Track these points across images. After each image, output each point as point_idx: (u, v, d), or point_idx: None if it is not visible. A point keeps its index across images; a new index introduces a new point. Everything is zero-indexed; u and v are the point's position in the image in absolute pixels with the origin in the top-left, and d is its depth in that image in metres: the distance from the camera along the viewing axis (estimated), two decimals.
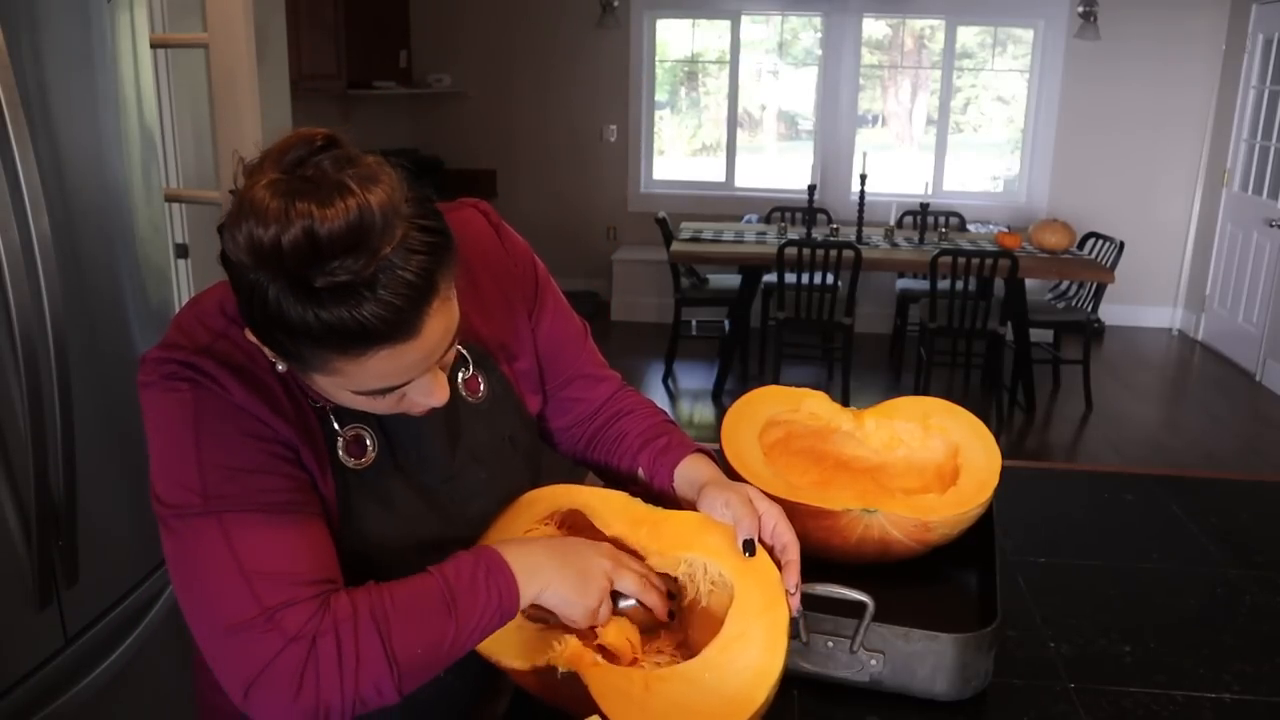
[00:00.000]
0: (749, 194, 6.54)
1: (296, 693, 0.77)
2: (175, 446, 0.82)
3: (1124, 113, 6.13)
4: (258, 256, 0.71)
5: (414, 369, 0.79)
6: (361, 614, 0.80)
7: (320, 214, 0.69)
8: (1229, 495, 1.60)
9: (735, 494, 0.98)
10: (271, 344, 0.77)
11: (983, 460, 1.27)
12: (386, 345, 0.74)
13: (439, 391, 0.84)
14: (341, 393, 0.81)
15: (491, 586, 0.84)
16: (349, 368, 0.76)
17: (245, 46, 2.03)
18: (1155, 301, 6.45)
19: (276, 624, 0.78)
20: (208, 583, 0.80)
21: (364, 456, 0.91)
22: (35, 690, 1.46)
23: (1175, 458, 4.33)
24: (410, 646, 0.80)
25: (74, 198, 1.53)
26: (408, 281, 0.73)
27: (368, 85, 5.62)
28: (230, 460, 0.82)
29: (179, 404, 0.82)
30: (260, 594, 0.79)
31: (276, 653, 0.77)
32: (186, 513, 0.81)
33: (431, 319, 0.76)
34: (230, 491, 0.81)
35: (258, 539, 0.81)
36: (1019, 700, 1.05)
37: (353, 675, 0.78)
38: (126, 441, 1.70)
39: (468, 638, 0.84)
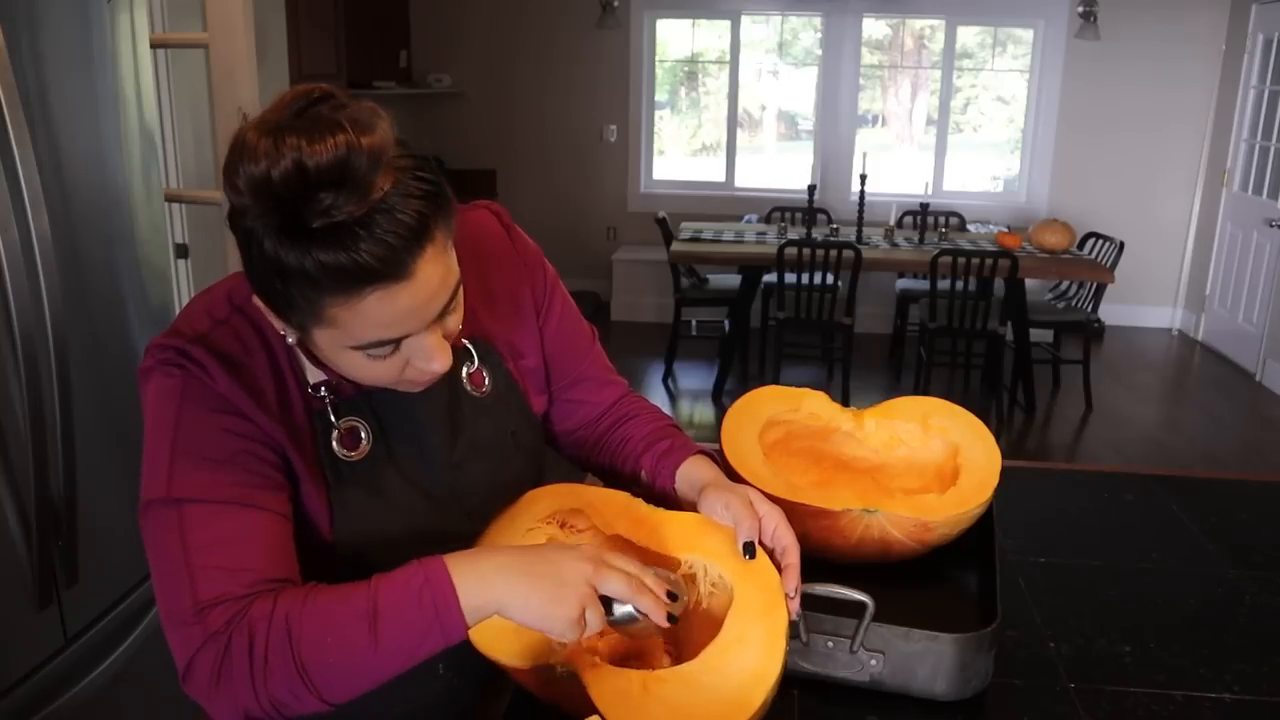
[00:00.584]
0: (749, 194, 6.54)
1: (215, 688, 0.78)
2: (157, 432, 0.84)
3: (1124, 113, 6.13)
4: (253, 194, 0.73)
5: (409, 318, 0.79)
6: (276, 618, 0.79)
7: (309, 149, 0.71)
8: (1229, 495, 1.60)
9: (736, 496, 0.98)
10: (273, 297, 0.78)
11: (983, 460, 1.27)
12: (379, 285, 0.75)
13: (439, 356, 0.83)
14: (344, 355, 0.82)
15: (425, 602, 0.78)
16: (344, 315, 0.76)
17: (245, 46, 2.04)
18: (1155, 301, 6.45)
19: (202, 619, 0.79)
20: (160, 572, 0.83)
21: (358, 448, 0.91)
22: (35, 690, 1.46)
23: (1175, 458, 4.34)
24: (321, 657, 0.78)
25: (74, 198, 1.53)
26: (402, 223, 0.74)
27: (368, 85, 5.62)
28: (202, 448, 0.83)
29: (168, 389, 0.84)
30: (197, 588, 0.80)
31: (198, 648, 0.79)
32: (154, 502, 0.83)
33: (426, 264, 0.77)
34: (195, 481, 0.82)
35: (209, 533, 0.82)
36: (1019, 700, 1.05)
37: (262, 678, 0.77)
38: (126, 441, 1.70)
39: (394, 654, 0.78)
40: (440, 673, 1.02)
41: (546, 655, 0.88)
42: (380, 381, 0.86)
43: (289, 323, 0.81)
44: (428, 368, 0.84)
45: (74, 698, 1.53)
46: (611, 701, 0.84)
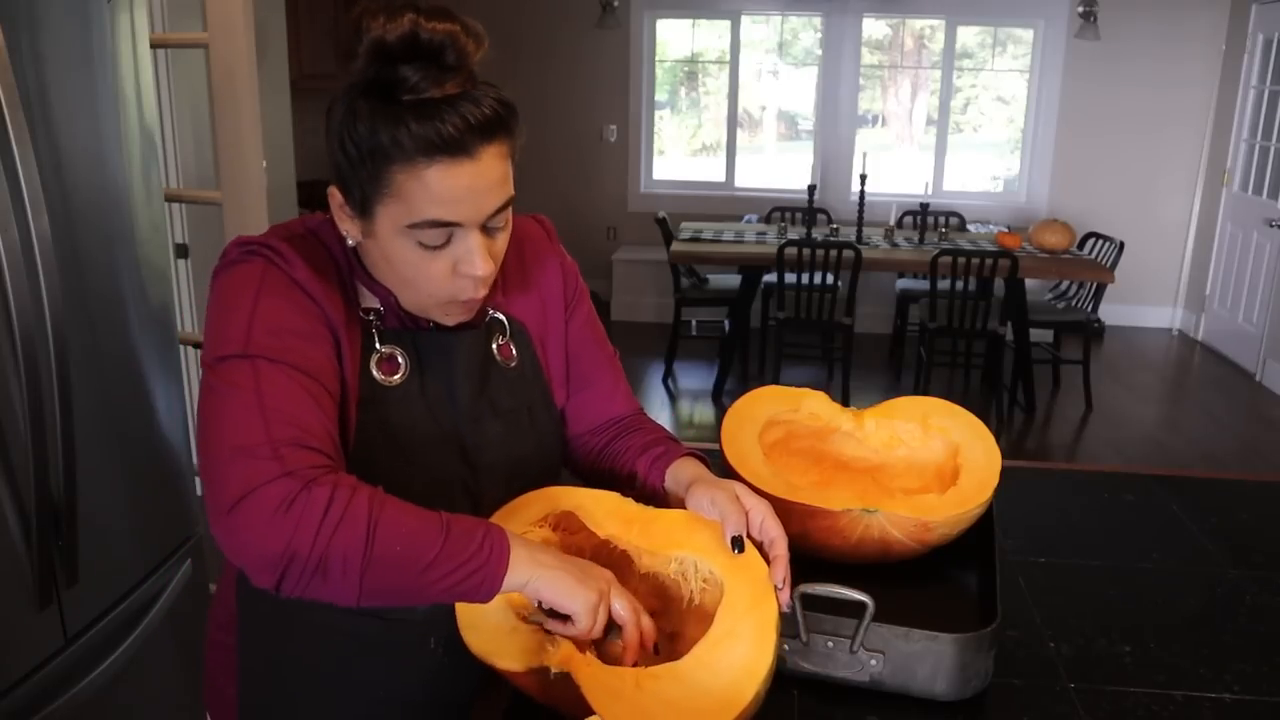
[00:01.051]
0: (749, 194, 6.54)
1: (275, 522, 0.78)
2: (234, 307, 0.90)
3: (1124, 113, 6.13)
4: (368, 54, 0.84)
5: (464, 200, 0.87)
6: (364, 490, 0.82)
7: (425, 24, 0.84)
8: (1229, 495, 1.60)
9: (721, 490, 0.99)
10: (349, 174, 0.88)
11: (983, 460, 1.27)
12: (445, 157, 0.85)
13: (483, 261, 0.91)
14: (401, 245, 0.89)
15: (486, 546, 0.84)
16: (409, 184, 0.86)
17: (245, 46, 2.04)
18: (1155, 301, 6.45)
19: (280, 456, 0.81)
20: (227, 412, 0.84)
21: (395, 374, 0.98)
22: (35, 690, 1.46)
23: (1175, 458, 4.34)
24: (392, 539, 0.80)
25: (74, 198, 1.53)
26: (477, 111, 0.86)
27: None
28: (280, 321, 0.89)
29: (249, 272, 0.92)
30: (273, 429, 0.83)
31: (272, 478, 0.80)
32: (226, 358, 0.87)
33: (489, 156, 0.88)
34: (272, 344, 0.88)
35: (284, 389, 0.86)
36: (1019, 700, 1.05)
37: (330, 531, 0.79)
38: (126, 441, 1.70)
39: (444, 575, 0.82)
40: (432, 646, 1.05)
41: (540, 657, 0.89)
42: (429, 289, 0.93)
43: (357, 204, 0.90)
44: (471, 271, 0.91)
45: (74, 698, 1.53)
46: (605, 699, 0.85)
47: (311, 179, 5.04)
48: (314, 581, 0.80)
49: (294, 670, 1.06)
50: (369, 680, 1.05)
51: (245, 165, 2.12)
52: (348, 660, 1.05)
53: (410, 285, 0.94)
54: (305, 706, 1.07)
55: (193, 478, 1.94)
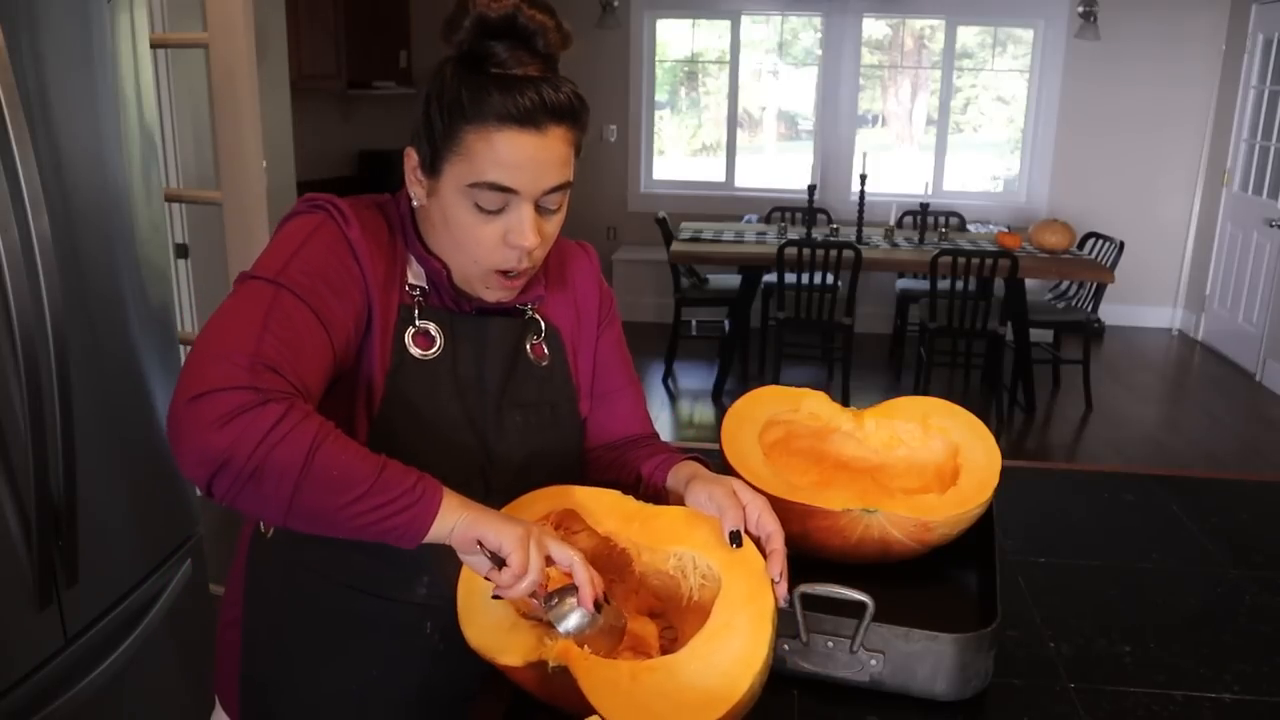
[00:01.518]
0: (749, 194, 6.54)
1: (222, 425, 0.81)
2: (285, 243, 0.95)
3: (1124, 113, 6.13)
4: (471, 27, 0.93)
5: (525, 169, 0.94)
6: (314, 418, 0.85)
7: (527, 10, 0.94)
8: (1229, 495, 1.60)
9: (719, 486, 1.01)
10: (428, 131, 0.96)
11: (983, 460, 1.27)
12: (516, 126, 0.92)
13: (533, 232, 0.97)
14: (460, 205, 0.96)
15: (418, 489, 0.86)
16: (479, 145, 0.93)
17: (245, 46, 2.04)
18: (1155, 301, 6.45)
19: (253, 370, 0.84)
20: (231, 320, 0.89)
21: (430, 349, 1.02)
22: (35, 690, 1.46)
23: (1175, 458, 4.34)
24: (329, 465, 0.83)
25: (74, 198, 1.53)
26: (554, 96, 0.94)
27: (368, 85, 5.62)
28: (318, 268, 0.94)
29: (307, 221, 0.97)
30: (262, 346, 0.86)
31: (236, 386, 0.83)
32: (259, 277, 0.92)
33: (556, 137, 0.95)
34: (302, 283, 0.92)
35: (293, 322, 0.90)
36: (1019, 700, 1.05)
37: (272, 445, 0.82)
38: (126, 441, 1.70)
39: (373, 508, 0.84)
40: (429, 631, 1.06)
41: (538, 652, 0.90)
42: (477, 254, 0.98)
43: (428, 162, 0.97)
44: (520, 241, 0.96)
45: (74, 698, 1.53)
46: (602, 692, 0.86)
47: (311, 179, 5.05)
48: (246, 488, 0.82)
49: (294, 642, 1.09)
50: (365, 659, 1.07)
51: (245, 165, 2.12)
52: (345, 636, 1.07)
53: (461, 249, 0.99)
54: (302, 680, 1.09)
55: None
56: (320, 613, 1.07)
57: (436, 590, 1.03)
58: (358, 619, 1.06)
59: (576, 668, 0.88)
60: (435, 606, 1.04)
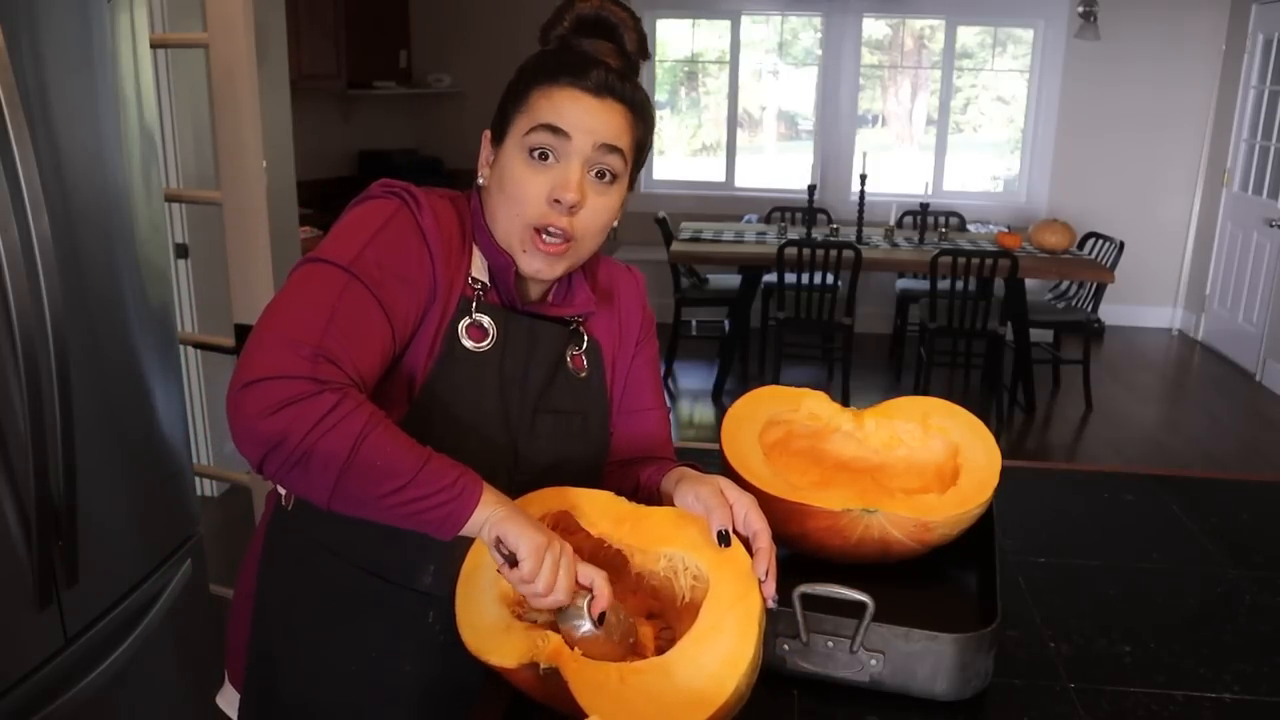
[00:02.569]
0: (749, 194, 6.54)
1: (276, 410, 0.85)
2: (359, 228, 0.98)
3: (1124, 113, 6.13)
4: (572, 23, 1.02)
5: (581, 120, 0.98)
6: (367, 407, 0.88)
7: (611, 6, 1.03)
8: (1229, 495, 1.60)
9: (706, 486, 1.01)
10: (503, 105, 1.03)
11: (983, 460, 1.27)
12: (578, 87, 0.99)
13: (576, 190, 1.00)
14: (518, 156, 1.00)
15: (460, 484, 0.89)
16: (541, 102, 0.99)
17: (245, 46, 2.04)
18: (1155, 301, 6.45)
19: (315, 360, 0.87)
20: (300, 304, 0.92)
21: (480, 341, 1.03)
22: (35, 690, 1.46)
23: (1175, 458, 4.34)
24: (374, 455, 0.86)
25: (74, 198, 1.53)
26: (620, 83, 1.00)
27: (368, 85, 5.62)
28: (389, 261, 0.96)
29: (383, 207, 1.00)
30: (329, 338, 0.89)
31: (296, 375, 0.86)
32: (330, 263, 0.94)
33: (615, 109, 1.00)
34: (374, 274, 0.95)
35: (361, 314, 0.93)
36: (1019, 700, 1.05)
37: (322, 433, 0.85)
38: (126, 442, 1.70)
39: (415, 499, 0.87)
40: (430, 621, 1.07)
41: (531, 654, 0.90)
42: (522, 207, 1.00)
43: (498, 132, 1.03)
44: (564, 194, 0.99)
45: (74, 698, 1.53)
46: (591, 694, 0.87)
47: (312, 179, 5.05)
48: (295, 471, 0.86)
49: (300, 618, 1.11)
50: (366, 641, 1.08)
51: (245, 165, 2.12)
52: (349, 615, 1.08)
53: (510, 203, 1.01)
54: (306, 653, 1.11)
55: (193, 478, 1.94)
56: (326, 589, 1.08)
57: (441, 581, 1.04)
58: (362, 599, 1.07)
59: (566, 669, 0.88)
60: (439, 597, 1.05)
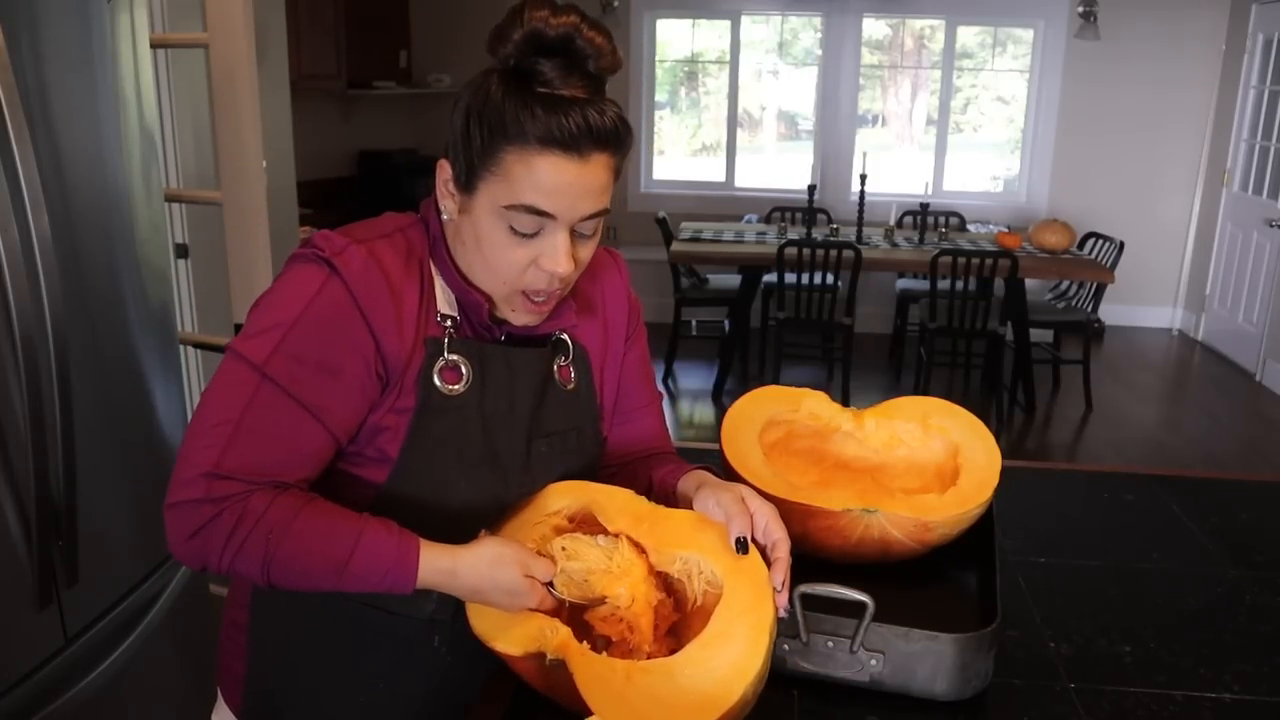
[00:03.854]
0: (749, 194, 6.54)
1: (188, 538, 0.89)
2: (283, 308, 0.92)
3: (1124, 113, 6.13)
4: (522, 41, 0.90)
5: (563, 196, 0.91)
6: (265, 520, 0.88)
7: (586, 30, 0.90)
8: (1229, 495, 1.60)
9: (728, 493, 1.00)
10: (465, 147, 0.92)
11: (983, 460, 1.27)
12: (558, 151, 0.89)
13: (565, 260, 0.94)
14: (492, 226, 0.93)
15: (388, 579, 0.90)
16: (518, 168, 0.90)
17: (245, 46, 2.03)
18: (1155, 301, 6.45)
19: (210, 483, 0.88)
20: (207, 417, 0.91)
21: (457, 384, 0.99)
22: (35, 690, 1.46)
23: (1175, 458, 4.33)
24: (287, 572, 0.89)
25: (74, 198, 1.53)
26: (599, 120, 0.90)
27: (368, 85, 5.62)
28: (309, 350, 0.91)
29: (310, 280, 0.93)
30: (226, 454, 0.89)
31: (193, 501, 0.88)
32: (247, 360, 0.91)
33: (598, 164, 0.91)
34: (289, 372, 0.90)
35: (269, 419, 0.90)
36: (1019, 700, 1.05)
37: (231, 555, 0.88)
38: (126, 442, 1.70)
39: (347, 586, 0.91)
40: (435, 645, 1.06)
41: (538, 643, 0.91)
42: (506, 275, 0.95)
43: (463, 177, 0.93)
44: (553, 267, 0.94)
45: (74, 698, 1.53)
46: (595, 688, 0.86)
47: (312, 179, 5.05)
48: (231, 575, 0.91)
49: (301, 654, 1.08)
50: (372, 672, 1.06)
51: (245, 165, 2.12)
52: (353, 650, 1.06)
53: (490, 269, 0.96)
54: (309, 690, 1.09)
55: None
56: (328, 626, 1.06)
57: (445, 606, 1.03)
58: (365, 633, 1.05)
59: (573, 663, 0.88)
60: (442, 620, 1.04)
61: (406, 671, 1.07)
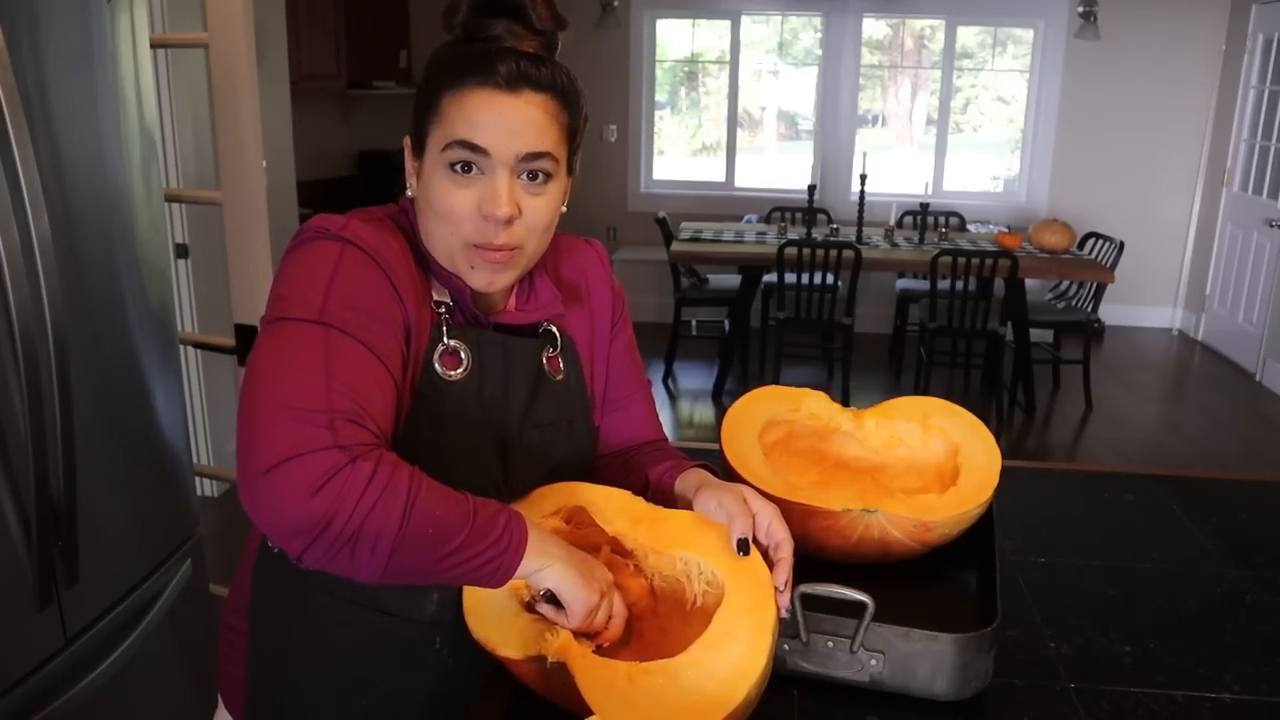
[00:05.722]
0: (749, 194, 6.54)
1: (316, 490, 0.76)
2: (310, 277, 0.89)
3: (1124, 113, 6.13)
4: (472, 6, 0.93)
5: (495, 129, 0.91)
6: (404, 469, 0.81)
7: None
8: (1229, 495, 1.60)
9: (730, 493, 1.00)
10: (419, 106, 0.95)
11: (983, 460, 1.27)
12: (488, 86, 0.91)
13: (506, 203, 0.93)
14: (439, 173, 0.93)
15: (506, 534, 0.86)
16: (451, 109, 0.91)
17: (245, 46, 2.03)
18: (1155, 301, 6.45)
19: (334, 428, 0.79)
20: (289, 370, 0.82)
21: (457, 369, 0.99)
22: (35, 690, 1.46)
23: (1175, 458, 4.33)
24: (425, 522, 0.81)
25: (74, 198, 1.53)
26: (534, 69, 0.92)
27: (368, 85, 5.62)
28: (356, 298, 0.89)
29: (327, 249, 0.91)
30: (334, 398, 0.81)
31: (320, 447, 0.78)
32: (298, 320, 0.86)
33: (532, 102, 0.92)
34: (348, 318, 0.87)
35: (353, 362, 0.85)
36: (1019, 700, 1.05)
37: (369, 505, 0.78)
38: (126, 442, 1.70)
39: (466, 560, 0.84)
40: (437, 647, 1.05)
41: (538, 646, 0.90)
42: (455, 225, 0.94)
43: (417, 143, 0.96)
44: (493, 210, 0.92)
45: (74, 698, 1.53)
46: (598, 691, 0.86)
47: (311, 179, 5.05)
48: (341, 554, 0.78)
49: (302, 659, 1.08)
50: (373, 675, 1.06)
51: (245, 165, 2.12)
52: (354, 654, 1.06)
53: (440, 220, 0.95)
54: (311, 696, 1.08)
55: (193, 478, 1.94)
56: (329, 630, 1.05)
57: (446, 606, 1.02)
58: (367, 636, 1.05)
59: (575, 665, 0.88)
60: (445, 622, 1.03)
61: (408, 674, 1.07)
